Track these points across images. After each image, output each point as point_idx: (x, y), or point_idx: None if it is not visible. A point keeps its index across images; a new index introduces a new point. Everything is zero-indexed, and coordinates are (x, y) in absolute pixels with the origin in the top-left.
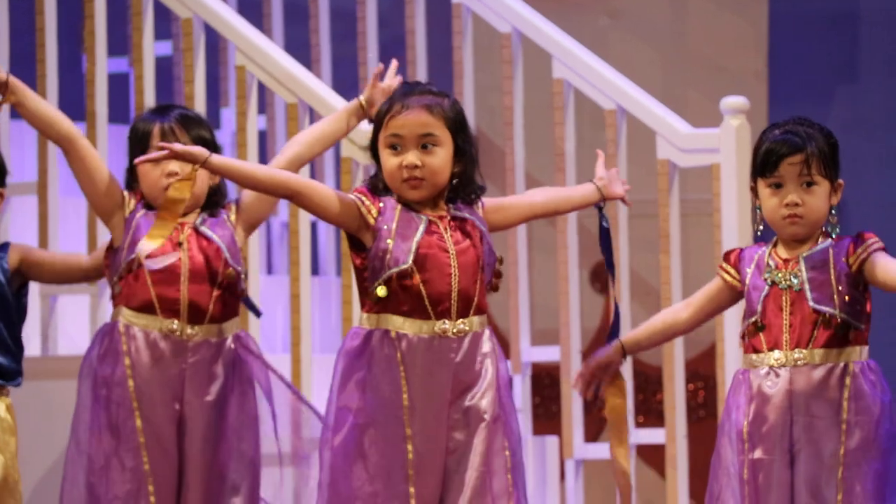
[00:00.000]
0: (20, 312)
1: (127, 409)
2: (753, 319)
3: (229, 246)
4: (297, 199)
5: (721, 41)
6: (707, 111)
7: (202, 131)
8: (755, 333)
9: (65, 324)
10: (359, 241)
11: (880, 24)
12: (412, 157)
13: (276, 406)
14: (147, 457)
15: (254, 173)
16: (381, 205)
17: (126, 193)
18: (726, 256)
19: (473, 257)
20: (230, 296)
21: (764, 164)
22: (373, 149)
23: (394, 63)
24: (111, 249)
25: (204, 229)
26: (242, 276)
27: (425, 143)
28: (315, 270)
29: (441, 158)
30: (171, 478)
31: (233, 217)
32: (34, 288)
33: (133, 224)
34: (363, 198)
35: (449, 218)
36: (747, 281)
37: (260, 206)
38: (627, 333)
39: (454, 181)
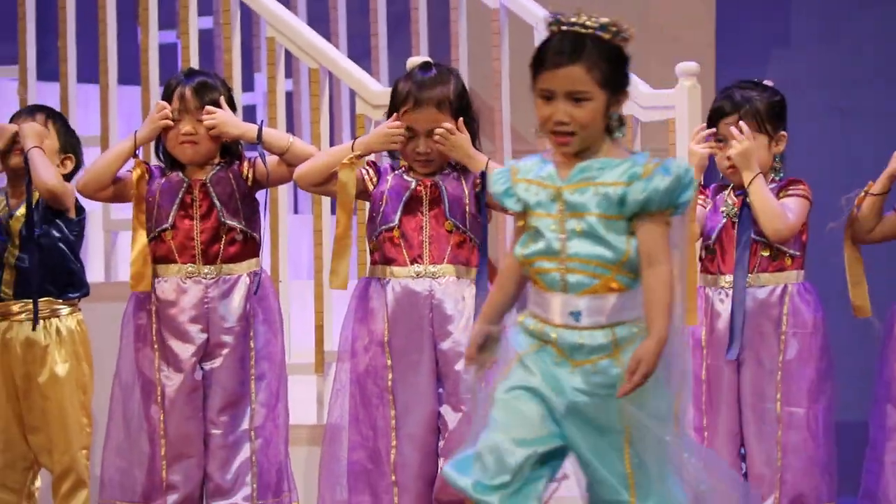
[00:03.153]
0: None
1: (148, 359)
2: (707, 243)
3: (225, 201)
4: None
5: (676, 17)
6: (664, 75)
7: (216, 95)
8: (709, 256)
9: (125, 254)
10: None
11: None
12: (423, 146)
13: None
14: (162, 403)
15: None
16: (379, 174)
17: (135, 169)
18: (702, 190)
19: (443, 217)
20: (240, 241)
21: (710, 123)
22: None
23: None
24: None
25: (208, 186)
26: (239, 227)
27: (433, 132)
28: (335, 209)
29: (447, 144)
30: (196, 410)
31: (245, 172)
32: (97, 223)
33: (156, 198)
34: (368, 169)
35: (431, 184)
36: (708, 211)
37: (281, 172)
38: None
39: None
